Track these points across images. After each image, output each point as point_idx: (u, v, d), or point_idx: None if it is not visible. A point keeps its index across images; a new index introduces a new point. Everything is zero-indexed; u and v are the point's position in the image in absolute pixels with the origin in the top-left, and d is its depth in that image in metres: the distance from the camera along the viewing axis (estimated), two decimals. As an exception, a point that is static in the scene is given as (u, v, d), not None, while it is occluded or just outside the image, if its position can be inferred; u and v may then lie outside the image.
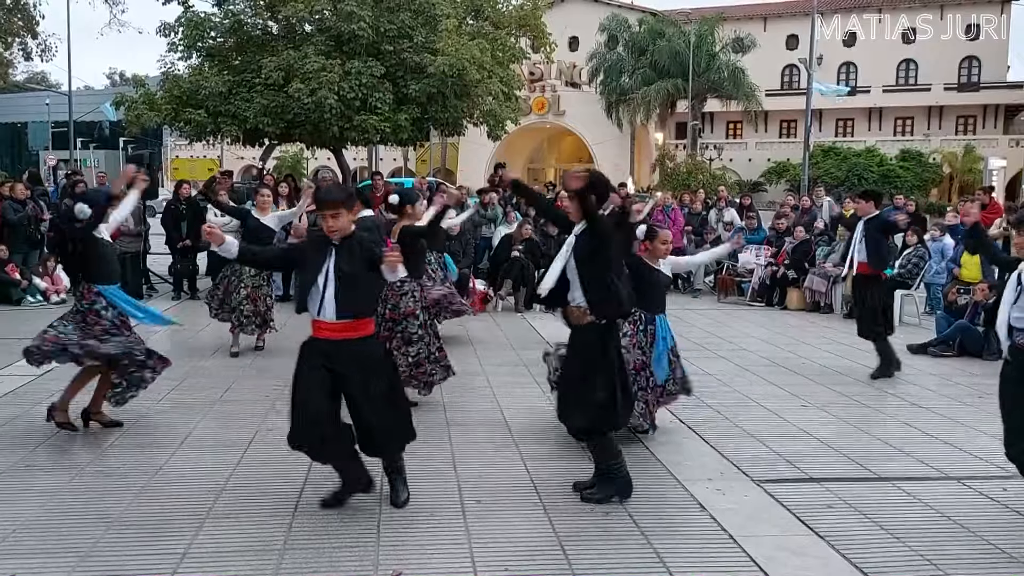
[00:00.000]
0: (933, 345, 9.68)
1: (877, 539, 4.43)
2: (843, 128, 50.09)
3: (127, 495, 4.82)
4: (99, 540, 4.21)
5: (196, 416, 6.51)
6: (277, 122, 15.39)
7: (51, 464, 5.35)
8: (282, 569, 3.95)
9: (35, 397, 6.81)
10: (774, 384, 8.00)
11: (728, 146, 47.16)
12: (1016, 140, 44.13)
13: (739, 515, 4.68)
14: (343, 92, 14.76)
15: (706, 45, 41.30)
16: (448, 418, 6.57)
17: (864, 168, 41.82)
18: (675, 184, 34.78)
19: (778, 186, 42.86)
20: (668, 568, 4.03)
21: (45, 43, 28.96)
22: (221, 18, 16.62)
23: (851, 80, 49.15)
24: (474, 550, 4.18)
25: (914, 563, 4.16)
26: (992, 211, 13.68)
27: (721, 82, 41.34)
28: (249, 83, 15.54)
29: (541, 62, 31.00)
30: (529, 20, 18.24)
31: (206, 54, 16.68)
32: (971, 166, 42.43)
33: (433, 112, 16.13)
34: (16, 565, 3.92)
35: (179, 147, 52.36)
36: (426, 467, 5.40)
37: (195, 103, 15.42)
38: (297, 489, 4.93)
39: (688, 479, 5.24)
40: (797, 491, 5.09)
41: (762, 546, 4.27)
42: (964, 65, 48.02)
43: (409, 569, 3.95)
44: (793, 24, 48.92)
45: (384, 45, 15.53)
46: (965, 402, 7.40)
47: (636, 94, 41.70)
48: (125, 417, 6.33)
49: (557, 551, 4.19)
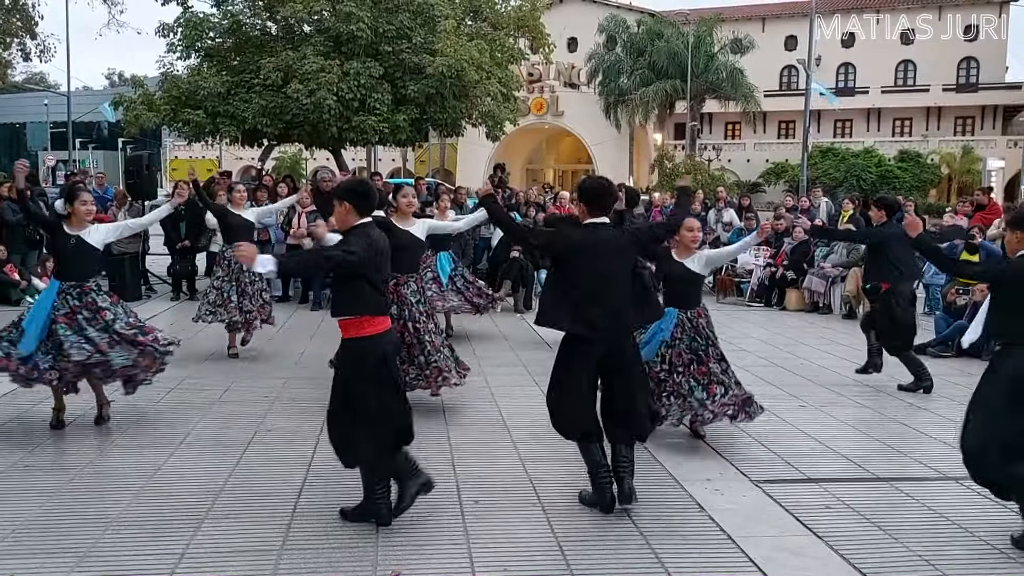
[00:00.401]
0: (932, 345, 9.69)
1: (875, 539, 4.43)
2: (841, 129, 50.08)
3: (126, 495, 4.82)
4: (98, 540, 4.21)
5: (195, 416, 6.51)
6: (276, 122, 15.40)
7: (50, 464, 5.35)
8: (280, 569, 3.95)
9: (34, 397, 6.79)
10: (772, 384, 8.01)
11: (727, 147, 47.13)
12: (1014, 141, 44.10)
13: (738, 515, 4.69)
14: (342, 93, 14.77)
15: (704, 46, 41.27)
16: (447, 419, 6.57)
17: (862, 169, 41.80)
18: (674, 185, 34.77)
19: (777, 187, 42.87)
20: (667, 568, 4.04)
21: (44, 43, 29.00)
22: (220, 19, 16.63)
23: (849, 81, 49.23)
24: (473, 550, 4.18)
25: (912, 563, 4.17)
26: (991, 212, 13.72)
27: (719, 83, 41.31)
28: (248, 84, 15.56)
29: (540, 63, 30.99)
30: (528, 21, 18.25)
31: (205, 55, 16.69)
32: (969, 167, 42.43)
33: (432, 113, 16.14)
34: (15, 565, 3.93)
35: (178, 148, 52.32)
36: (425, 467, 5.40)
37: (194, 104, 15.43)
38: (296, 489, 4.94)
39: (687, 479, 5.24)
40: (795, 492, 5.09)
41: (761, 546, 4.27)
42: (963, 66, 48.03)
43: (408, 569, 3.96)
44: (792, 25, 48.92)
45: (383, 46, 15.55)
46: (963, 403, 7.36)
47: (635, 95, 41.67)
48: (123, 417, 6.33)
49: (556, 551, 4.19)
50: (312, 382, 7.62)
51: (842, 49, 49.14)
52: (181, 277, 13.33)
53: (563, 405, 4.72)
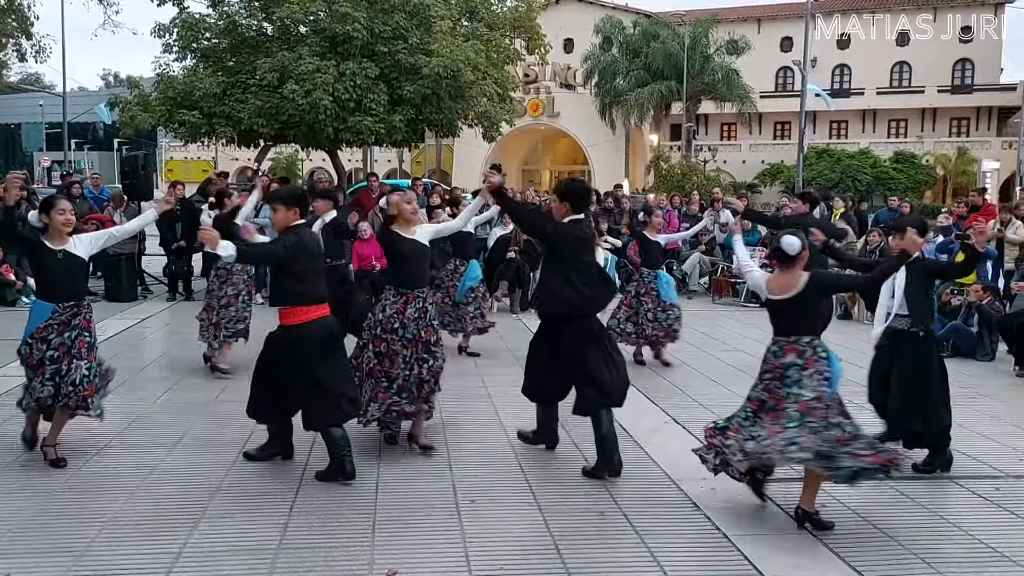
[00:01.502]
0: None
1: (871, 537, 4.45)
2: (837, 130, 50.20)
3: (122, 495, 4.81)
4: (94, 540, 4.21)
5: (191, 416, 6.50)
6: (272, 123, 15.37)
7: (46, 464, 5.34)
8: (277, 569, 3.95)
9: (29, 398, 6.78)
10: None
11: (722, 148, 47.20)
12: (1009, 142, 44.20)
13: (733, 514, 4.70)
14: (338, 93, 14.75)
15: (700, 47, 41.32)
16: (443, 418, 6.57)
17: (858, 170, 41.91)
18: (670, 186, 34.80)
19: (772, 188, 42.95)
20: (662, 566, 4.05)
21: (39, 44, 28.92)
22: (216, 19, 16.60)
23: (845, 82, 49.32)
24: (469, 549, 4.18)
25: (907, 561, 4.18)
26: (985, 213, 13.77)
27: (715, 84, 41.36)
28: (244, 84, 15.53)
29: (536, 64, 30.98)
30: (523, 22, 18.24)
31: (201, 55, 16.66)
32: (964, 168, 42.54)
33: (427, 113, 16.13)
34: (11, 565, 3.92)
35: (174, 148, 52.25)
36: (421, 467, 5.41)
37: (189, 104, 15.40)
38: (292, 489, 4.94)
39: (682, 478, 5.25)
40: (791, 490, 5.10)
41: (757, 545, 4.28)
42: (957, 67, 48.17)
43: (404, 568, 3.96)
44: (787, 26, 49.02)
45: (379, 46, 15.53)
46: (958, 403, 7.35)
47: (630, 96, 41.69)
48: (121, 416, 6.32)
49: (551, 550, 4.19)
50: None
51: (838, 50, 49.27)
52: (177, 278, 13.31)
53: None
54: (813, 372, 4.55)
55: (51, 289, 5.38)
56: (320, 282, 5.22)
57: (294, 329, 5.07)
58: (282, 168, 45.15)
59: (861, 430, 4.51)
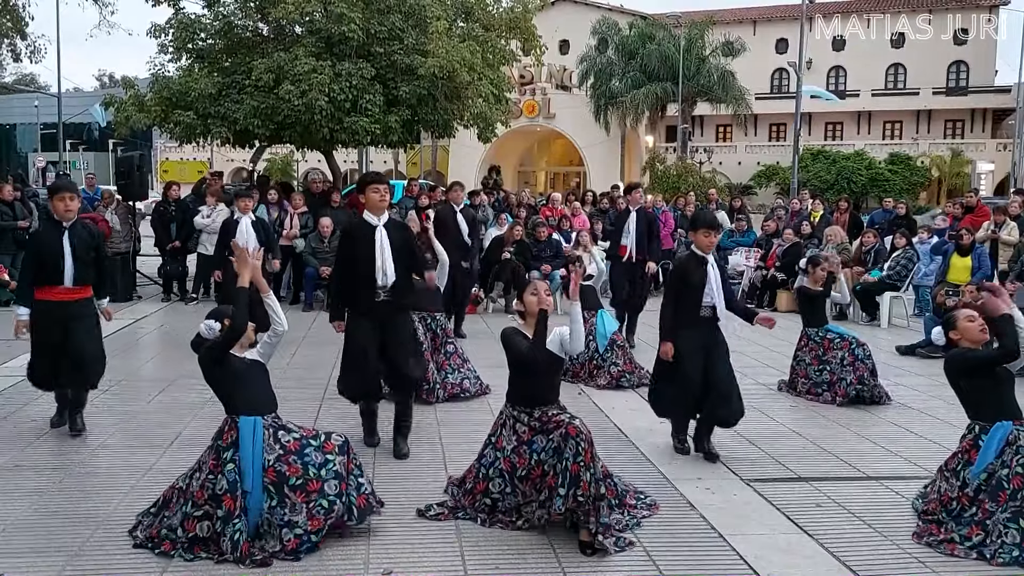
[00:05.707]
0: (921, 346, 9.75)
1: (866, 537, 4.45)
2: (832, 132, 50.34)
3: (116, 495, 4.80)
4: (88, 539, 4.20)
5: (186, 416, 6.49)
6: (267, 124, 15.33)
7: (41, 464, 5.33)
8: (274, 568, 3.94)
9: (25, 397, 6.78)
10: (763, 384, 8.04)
11: (718, 149, 47.28)
12: (1004, 144, 44.37)
13: (729, 514, 4.70)
14: (333, 94, 14.72)
15: (696, 49, 41.39)
16: (438, 418, 6.58)
17: (853, 171, 42.04)
18: (665, 187, 34.85)
19: (768, 189, 43.05)
20: (658, 566, 4.05)
21: (34, 44, 28.81)
22: (211, 20, 16.55)
23: (840, 84, 49.44)
24: (464, 549, 4.18)
25: (902, 561, 4.18)
26: (980, 214, 13.82)
27: (711, 86, 41.43)
28: (239, 85, 15.49)
29: (531, 65, 30.97)
30: (519, 23, 18.21)
31: (196, 56, 16.61)
32: (959, 170, 42.71)
33: (423, 114, 16.09)
34: (6, 565, 3.91)
35: (169, 149, 52.20)
36: (417, 466, 5.41)
37: (184, 105, 15.35)
38: (287, 489, 4.92)
39: (678, 478, 5.25)
40: (786, 490, 5.11)
41: (751, 544, 4.29)
42: (952, 69, 48.34)
43: (399, 568, 3.96)
44: (783, 28, 49.16)
45: (374, 47, 15.50)
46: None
47: (626, 97, 41.73)
48: (118, 416, 6.31)
49: (547, 550, 4.19)
50: (302, 382, 7.62)
51: (833, 52, 49.41)
52: (171, 278, 13.31)
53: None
54: None
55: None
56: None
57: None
58: (277, 169, 45.11)
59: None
